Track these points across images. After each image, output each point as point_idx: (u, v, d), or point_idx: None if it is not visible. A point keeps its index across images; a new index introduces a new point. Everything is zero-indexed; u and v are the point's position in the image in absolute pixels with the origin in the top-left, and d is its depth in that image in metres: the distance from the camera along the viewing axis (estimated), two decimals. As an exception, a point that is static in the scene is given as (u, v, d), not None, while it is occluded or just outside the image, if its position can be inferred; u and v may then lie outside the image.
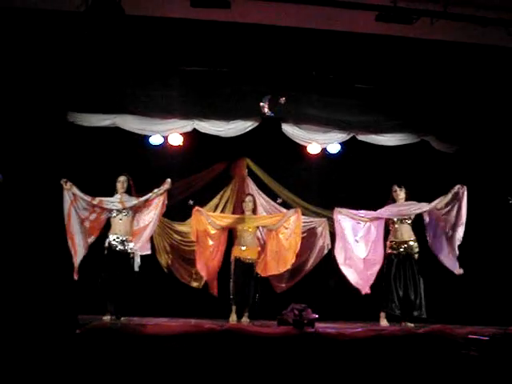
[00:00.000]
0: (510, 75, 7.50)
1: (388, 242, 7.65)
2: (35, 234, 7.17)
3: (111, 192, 7.41)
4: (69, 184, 7.27)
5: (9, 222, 6.91)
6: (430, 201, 7.69)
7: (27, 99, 7.21)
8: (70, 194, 7.28)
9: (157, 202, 7.56)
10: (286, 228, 7.83)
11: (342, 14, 6.64)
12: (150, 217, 7.57)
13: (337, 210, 7.80)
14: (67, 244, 7.21)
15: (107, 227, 7.38)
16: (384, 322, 7.45)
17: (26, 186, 7.32)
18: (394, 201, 7.69)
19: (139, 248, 7.43)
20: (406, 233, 7.58)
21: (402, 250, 7.53)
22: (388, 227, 7.75)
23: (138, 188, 7.46)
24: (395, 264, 7.51)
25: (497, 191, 8.26)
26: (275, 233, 7.85)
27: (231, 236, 7.99)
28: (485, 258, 8.08)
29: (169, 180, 7.49)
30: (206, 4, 6.35)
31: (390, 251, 7.59)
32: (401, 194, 7.66)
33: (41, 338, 3.33)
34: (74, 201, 7.30)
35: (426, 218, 7.77)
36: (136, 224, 7.53)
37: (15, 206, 7.13)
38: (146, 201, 7.49)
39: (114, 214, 7.29)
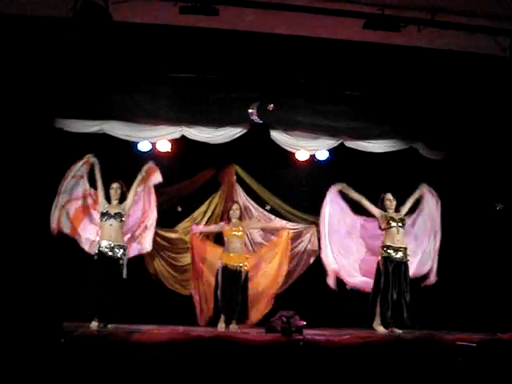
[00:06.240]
0: (496, 82, 7.55)
1: (382, 248, 7.41)
2: (19, 240, 7.11)
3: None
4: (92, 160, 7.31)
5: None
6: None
7: (14, 105, 7.16)
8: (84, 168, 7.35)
9: (142, 193, 7.50)
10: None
11: (330, 21, 6.66)
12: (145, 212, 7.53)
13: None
14: (51, 250, 7.18)
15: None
16: (381, 329, 7.27)
17: (13, 192, 7.26)
18: (384, 209, 7.55)
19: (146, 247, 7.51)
20: (402, 238, 7.41)
21: (397, 256, 7.33)
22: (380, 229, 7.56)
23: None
24: (391, 270, 7.28)
25: (484, 198, 8.32)
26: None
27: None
28: (472, 264, 8.11)
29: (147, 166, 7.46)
30: (194, 11, 6.35)
31: (385, 255, 7.34)
32: (393, 202, 7.58)
33: (24, 346, 3.29)
34: (81, 176, 7.35)
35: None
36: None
37: (1, 212, 7.08)
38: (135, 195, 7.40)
39: (105, 218, 7.11)
